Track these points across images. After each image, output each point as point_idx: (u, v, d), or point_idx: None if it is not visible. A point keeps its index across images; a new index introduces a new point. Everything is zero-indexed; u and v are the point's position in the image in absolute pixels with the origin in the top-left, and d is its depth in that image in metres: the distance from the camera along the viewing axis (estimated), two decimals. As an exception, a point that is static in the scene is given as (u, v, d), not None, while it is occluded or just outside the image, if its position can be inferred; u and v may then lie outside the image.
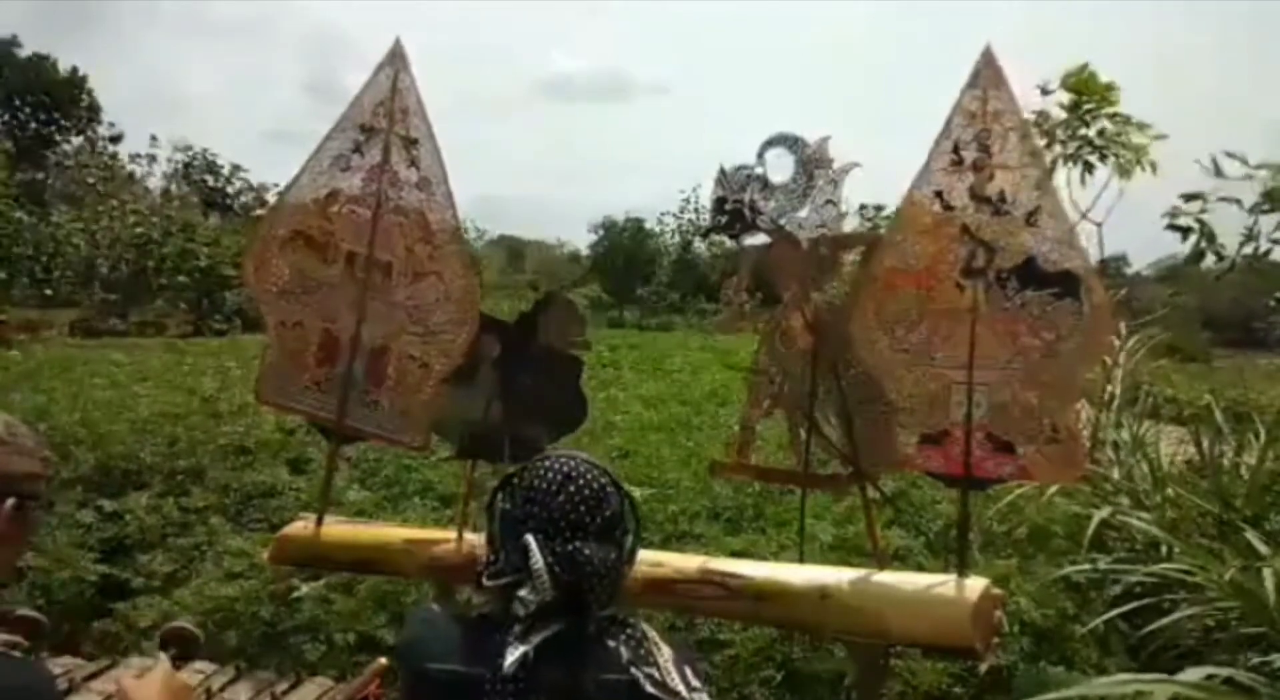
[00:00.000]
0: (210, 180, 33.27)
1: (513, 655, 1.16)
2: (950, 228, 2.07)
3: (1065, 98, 4.72)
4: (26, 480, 1.16)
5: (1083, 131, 4.66)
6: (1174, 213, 4.47)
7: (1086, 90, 4.64)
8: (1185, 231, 4.47)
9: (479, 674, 1.18)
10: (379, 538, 2.53)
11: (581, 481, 1.26)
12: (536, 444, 2.31)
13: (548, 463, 1.29)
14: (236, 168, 33.80)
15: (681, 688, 1.21)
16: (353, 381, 2.50)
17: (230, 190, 33.63)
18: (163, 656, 1.37)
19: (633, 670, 1.20)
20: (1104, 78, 4.70)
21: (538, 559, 1.19)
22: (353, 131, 2.47)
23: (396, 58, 2.49)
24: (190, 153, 33.13)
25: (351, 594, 3.81)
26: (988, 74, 2.04)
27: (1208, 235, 4.51)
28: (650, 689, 1.19)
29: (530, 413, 2.40)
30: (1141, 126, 4.58)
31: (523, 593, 1.19)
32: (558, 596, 1.18)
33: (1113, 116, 4.62)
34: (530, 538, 1.21)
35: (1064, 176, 4.76)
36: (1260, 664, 2.57)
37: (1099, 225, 4.95)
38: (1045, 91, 4.78)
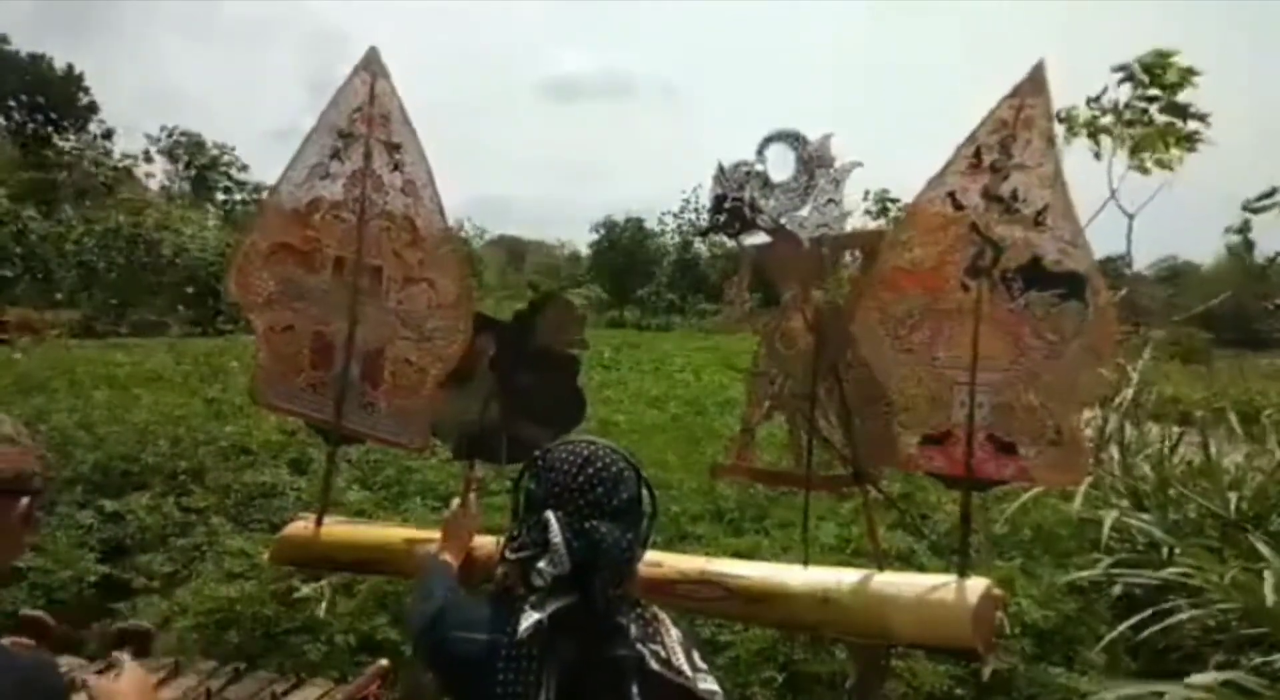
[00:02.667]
0: (199, 160, 33.30)
1: (527, 621, 1.22)
2: (958, 227, 2.05)
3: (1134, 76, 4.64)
4: (35, 479, 1.21)
5: (1143, 117, 4.60)
6: (1253, 209, 4.51)
7: (1159, 75, 4.55)
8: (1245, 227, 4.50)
9: (497, 640, 1.25)
10: (379, 538, 2.52)
11: (600, 464, 1.33)
12: (535, 444, 2.30)
13: (570, 446, 1.37)
14: (220, 146, 33.80)
15: (686, 667, 1.26)
16: (349, 383, 2.48)
17: (220, 166, 33.61)
18: (125, 656, 1.37)
19: (640, 647, 1.25)
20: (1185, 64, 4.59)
21: (556, 534, 1.25)
22: (330, 138, 2.44)
23: (372, 64, 2.44)
24: (175, 133, 33.22)
25: (352, 594, 3.81)
26: (1030, 86, 2.00)
27: (1248, 243, 4.56)
28: (656, 666, 1.24)
29: (528, 412, 2.38)
30: (1199, 117, 4.52)
31: (541, 565, 1.25)
32: (573, 571, 1.24)
33: (1171, 107, 4.55)
34: (550, 514, 1.28)
35: (1103, 163, 4.72)
36: (1262, 665, 2.56)
37: (1131, 217, 4.93)
38: (1125, 76, 4.69)
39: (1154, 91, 4.56)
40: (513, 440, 2.36)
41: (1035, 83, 2.00)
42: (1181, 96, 4.56)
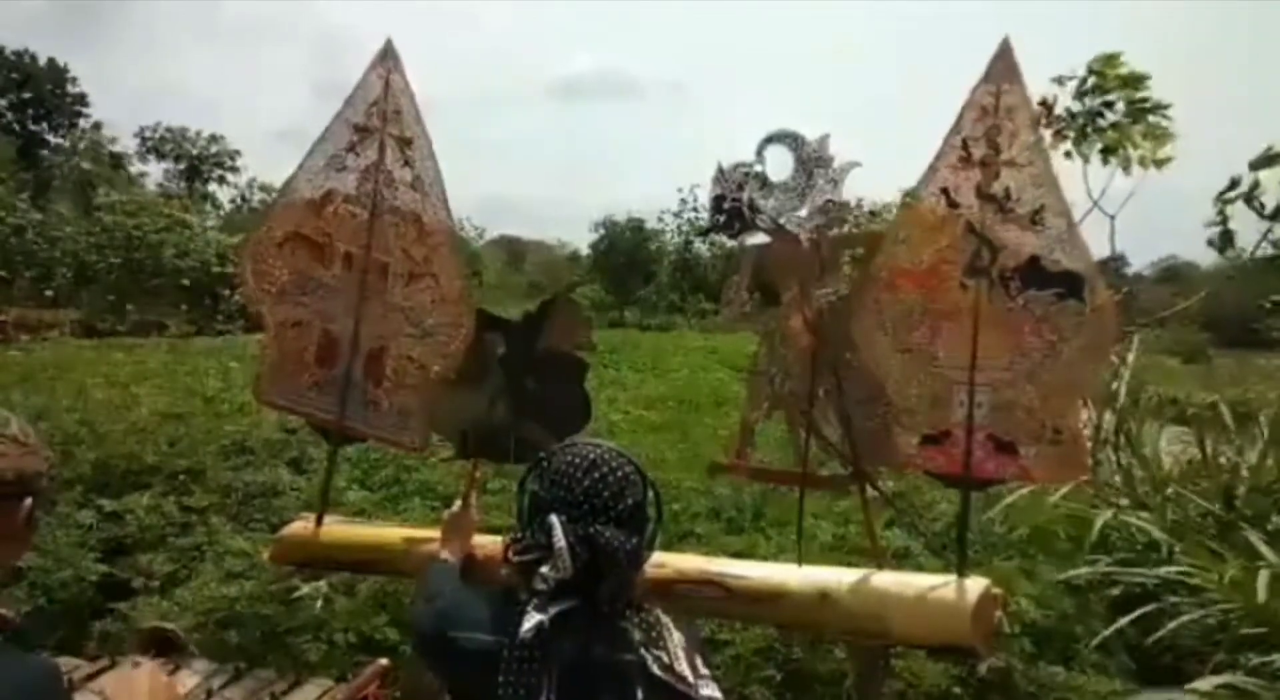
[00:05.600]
0: (182, 152, 33.00)
1: (529, 622, 1.22)
2: (954, 226, 2.05)
3: (1085, 84, 4.63)
4: (40, 479, 1.20)
5: (1099, 122, 4.59)
6: (1223, 200, 4.51)
7: (1108, 78, 4.55)
8: (1224, 219, 4.50)
9: (501, 641, 1.25)
10: (379, 538, 2.52)
11: (606, 469, 1.33)
12: (539, 445, 2.30)
13: (576, 449, 1.37)
14: (212, 138, 33.55)
15: (688, 673, 1.26)
16: (352, 382, 2.49)
17: (208, 156, 33.37)
18: (145, 661, 1.38)
19: (642, 651, 1.25)
20: (1136, 68, 4.58)
21: (560, 539, 1.26)
22: (347, 132, 2.45)
23: (388, 57, 2.46)
24: (159, 129, 32.99)
25: (352, 594, 3.81)
26: (1002, 68, 2.00)
27: (1227, 235, 4.55)
28: (657, 671, 1.24)
29: (533, 413, 2.39)
30: (1158, 108, 4.50)
31: (544, 569, 1.26)
32: (576, 575, 1.25)
33: (1131, 104, 4.54)
34: (554, 518, 1.28)
35: (1078, 169, 4.72)
36: (1261, 665, 2.56)
37: (1112, 218, 4.92)
38: (1060, 81, 4.71)
39: (1110, 96, 4.55)
40: (518, 440, 2.36)
41: (1007, 65, 2.00)
42: (1138, 94, 4.55)
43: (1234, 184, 4.56)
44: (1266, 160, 4.44)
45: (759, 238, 2.35)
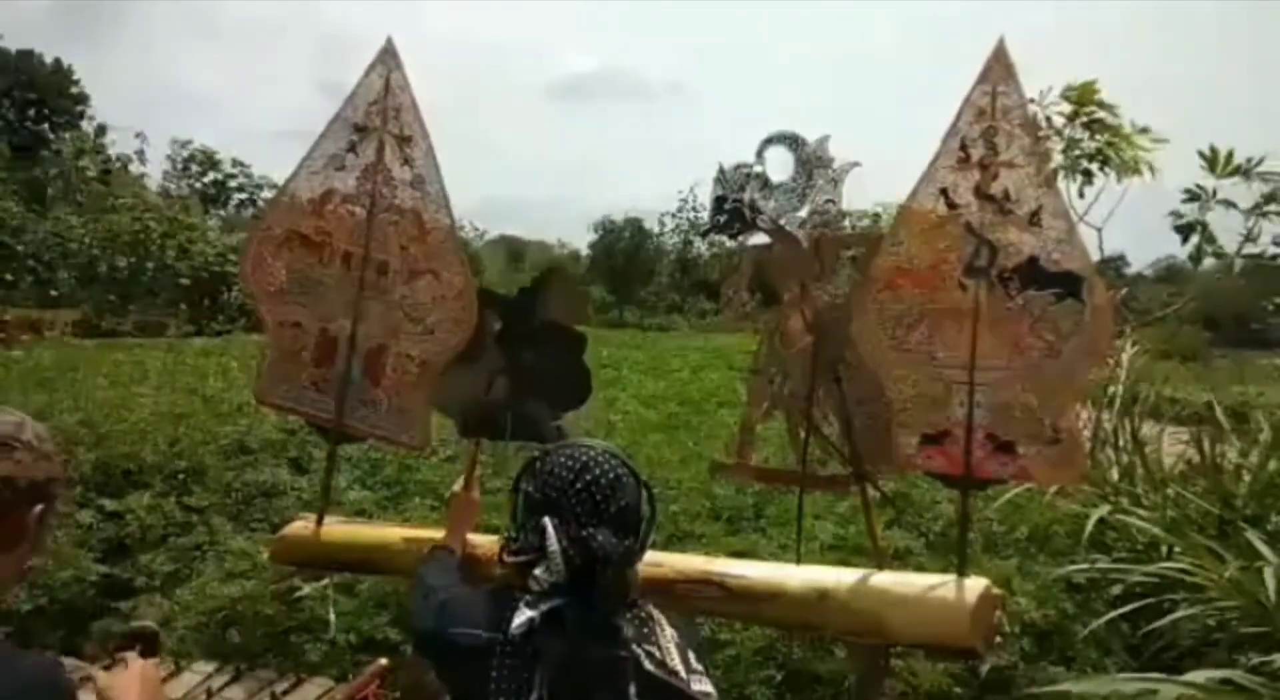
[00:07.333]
0: (210, 175, 33.20)
1: (519, 618, 1.23)
2: (953, 226, 2.06)
3: (1065, 108, 4.63)
4: (51, 485, 1.18)
5: (1086, 143, 4.59)
6: (1177, 214, 4.51)
7: (1089, 103, 4.55)
8: (1188, 229, 4.49)
9: (495, 637, 1.26)
10: (379, 537, 2.52)
11: (598, 471, 1.33)
12: (541, 421, 2.29)
13: (568, 451, 1.37)
14: (237, 163, 33.81)
15: (680, 668, 1.27)
16: (351, 381, 2.49)
17: (231, 185, 33.59)
18: (133, 655, 1.38)
19: (634, 647, 1.26)
20: (1106, 96, 4.60)
21: (553, 542, 1.26)
22: (346, 131, 2.46)
23: (389, 56, 2.46)
24: (189, 148, 33.06)
25: (352, 594, 3.81)
26: (998, 69, 2.01)
27: (1207, 237, 4.54)
28: (650, 666, 1.25)
29: (534, 389, 2.36)
30: (1143, 131, 4.51)
31: (538, 572, 1.27)
32: (570, 577, 1.25)
33: (1111, 130, 4.55)
34: (548, 521, 1.28)
35: (1062, 184, 4.69)
36: (1260, 664, 2.57)
37: (1099, 230, 4.92)
38: (1036, 102, 4.71)
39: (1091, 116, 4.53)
40: (519, 417, 2.34)
41: (1004, 67, 2.01)
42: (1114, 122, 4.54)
43: (1194, 196, 4.57)
44: (1232, 170, 4.43)
45: (759, 238, 2.36)
